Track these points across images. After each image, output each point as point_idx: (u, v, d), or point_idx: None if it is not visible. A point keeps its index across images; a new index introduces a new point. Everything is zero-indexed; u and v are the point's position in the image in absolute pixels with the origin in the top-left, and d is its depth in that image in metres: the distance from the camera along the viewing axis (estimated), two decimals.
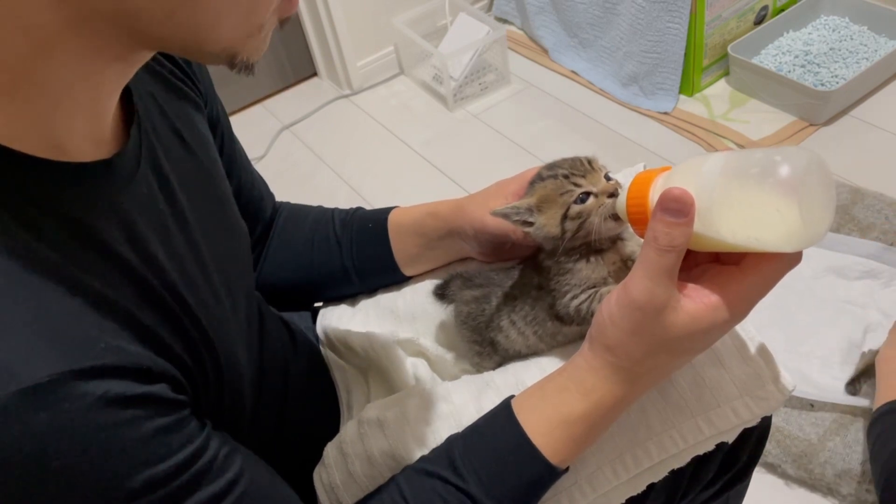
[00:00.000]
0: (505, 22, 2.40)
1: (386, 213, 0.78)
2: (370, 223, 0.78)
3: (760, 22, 2.00)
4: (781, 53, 1.97)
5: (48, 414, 0.35)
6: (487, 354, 0.70)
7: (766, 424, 0.76)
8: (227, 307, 0.56)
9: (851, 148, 1.77)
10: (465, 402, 0.64)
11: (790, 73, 1.89)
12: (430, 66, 2.22)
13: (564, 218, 0.59)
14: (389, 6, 2.19)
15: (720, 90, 1.99)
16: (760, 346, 0.64)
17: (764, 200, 0.45)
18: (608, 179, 0.59)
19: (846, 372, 1.31)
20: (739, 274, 0.49)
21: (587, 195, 0.58)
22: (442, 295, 0.73)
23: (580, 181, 0.59)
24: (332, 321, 0.80)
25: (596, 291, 0.60)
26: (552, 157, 0.64)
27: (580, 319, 0.61)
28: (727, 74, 2.00)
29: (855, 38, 1.96)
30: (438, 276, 0.77)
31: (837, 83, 1.82)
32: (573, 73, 2.17)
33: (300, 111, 2.22)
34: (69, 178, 0.42)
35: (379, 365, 0.75)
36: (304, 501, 0.54)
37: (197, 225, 0.54)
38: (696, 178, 0.48)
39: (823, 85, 1.84)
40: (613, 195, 0.57)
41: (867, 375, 1.27)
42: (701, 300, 0.49)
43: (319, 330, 0.81)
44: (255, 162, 1.97)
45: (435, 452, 0.58)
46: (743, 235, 0.46)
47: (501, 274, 0.70)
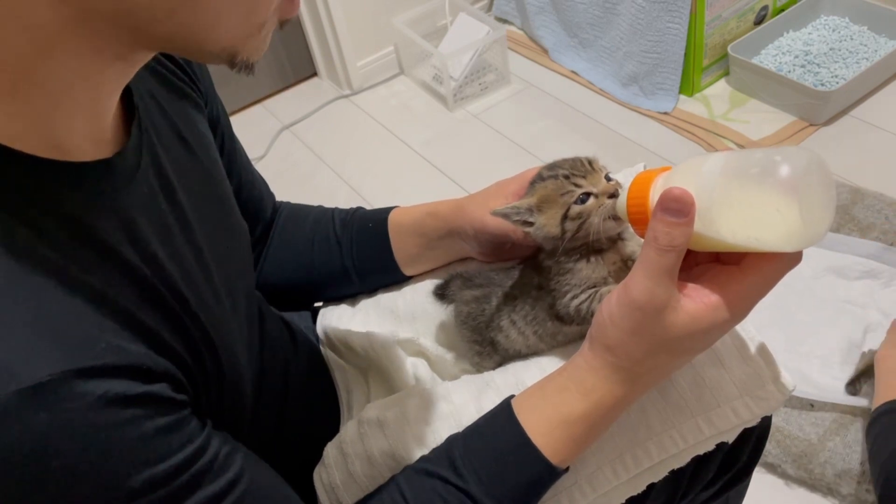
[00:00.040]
0: (505, 22, 2.40)
1: (386, 212, 0.78)
2: (370, 223, 0.78)
3: (760, 22, 2.00)
4: (781, 53, 1.97)
5: (48, 414, 0.35)
6: (487, 354, 0.70)
7: (766, 424, 0.76)
8: (227, 307, 0.56)
9: (851, 148, 1.77)
10: (465, 402, 0.64)
11: (790, 73, 1.89)
12: (430, 66, 2.22)
13: (565, 218, 0.59)
14: (389, 6, 2.19)
15: (720, 90, 1.99)
16: (760, 345, 0.64)
17: (764, 200, 0.45)
18: (608, 180, 0.59)
19: (846, 372, 1.31)
20: (739, 274, 0.49)
21: (587, 196, 0.58)
22: (442, 295, 0.73)
23: (581, 182, 0.59)
24: (332, 321, 0.80)
25: (596, 291, 0.60)
26: (552, 157, 0.64)
27: (580, 319, 0.61)
28: (727, 74, 2.00)
29: (855, 38, 1.96)
30: (438, 276, 0.77)
31: (837, 83, 1.82)
32: (573, 73, 2.17)
33: (300, 111, 2.22)
34: (69, 177, 0.42)
35: (379, 365, 0.75)
36: (304, 501, 0.54)
37: (197, 224, 0.54)
38: (696, 178, 0.48)
39: (823, 85, 1.84)
40: (614, 196, 0.57)
41: (867, 375, 1.27)
42: (701, 300, 0.49)
43: (319, 330, 0.81)
44: (255, 162, 1.96)
45: (435, 452, 0.58)
46: (743, 235, 0.46)
47: (501, 274, 0.70)
